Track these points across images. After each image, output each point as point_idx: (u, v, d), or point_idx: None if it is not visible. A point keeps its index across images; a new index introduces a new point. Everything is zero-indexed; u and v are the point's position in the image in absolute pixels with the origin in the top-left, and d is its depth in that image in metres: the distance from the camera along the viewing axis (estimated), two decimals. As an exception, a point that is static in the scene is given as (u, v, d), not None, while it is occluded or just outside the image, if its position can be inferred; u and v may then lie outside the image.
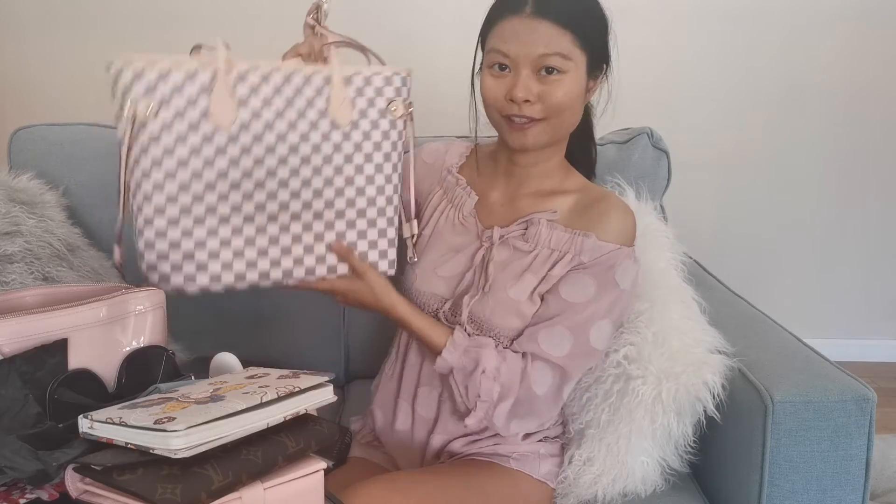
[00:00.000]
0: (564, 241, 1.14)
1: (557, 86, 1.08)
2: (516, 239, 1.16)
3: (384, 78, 1.07)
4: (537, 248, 1.15)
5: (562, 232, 1.15)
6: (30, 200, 1.44)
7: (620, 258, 1.13)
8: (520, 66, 1.08)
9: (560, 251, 1.14)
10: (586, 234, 1.14)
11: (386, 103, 1.07)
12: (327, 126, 1.05)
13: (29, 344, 0.83)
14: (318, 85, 1.04)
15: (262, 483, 0.77)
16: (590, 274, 1.12)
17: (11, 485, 0.76)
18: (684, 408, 1.17)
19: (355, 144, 1.06)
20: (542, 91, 1.08)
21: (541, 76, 1.08)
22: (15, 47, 2.17)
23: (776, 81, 2.38)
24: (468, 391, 1.10)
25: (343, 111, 1.05)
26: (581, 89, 1.11)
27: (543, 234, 1.15)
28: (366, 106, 1.07)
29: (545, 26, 1.07)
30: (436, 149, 1.30)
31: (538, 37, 1.07)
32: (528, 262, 1.15)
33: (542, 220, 1.16)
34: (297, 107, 1.03)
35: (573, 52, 1.08)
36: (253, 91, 1.00)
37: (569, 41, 1.07)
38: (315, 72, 1.04)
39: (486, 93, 1.12)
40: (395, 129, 1.08)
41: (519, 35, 1.08)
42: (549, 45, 1.07)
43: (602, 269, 1.12)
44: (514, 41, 1.08)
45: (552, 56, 1.07)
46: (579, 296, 1.11)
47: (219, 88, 0.98)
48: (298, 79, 1.03)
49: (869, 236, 2.56)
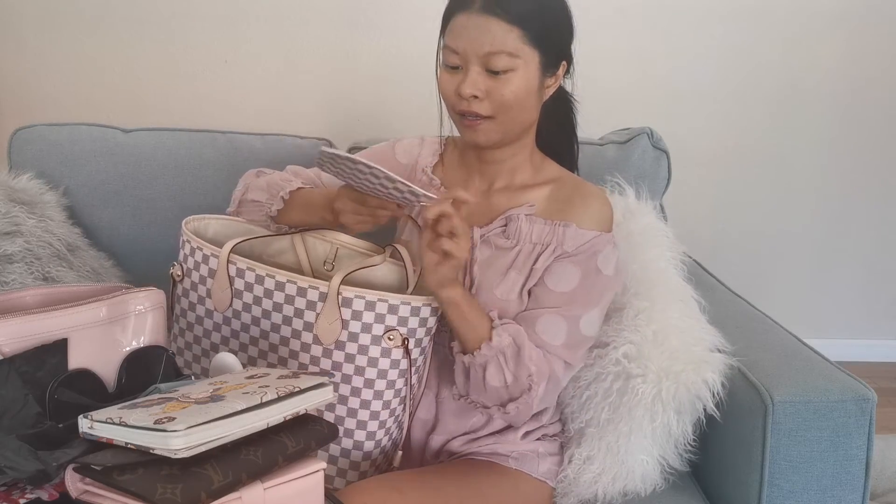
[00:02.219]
0: (545, 233, 1.14)
1: (505, 83, 1.06)
2: (497, 237, 1.16)
3: (389, 306, 1.05)
4: (519, 243, 1.15)
5: (542, 224, 1.15)
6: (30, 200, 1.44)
7: (601, 245, 1.13)
8: (469, 62, 1.07)
9: (542, 244, 1.14)
10: (566, 224, 1.14)
11: (384, 331, 1.05)
12: (309, 339, 1.07)
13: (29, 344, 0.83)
14: (312, 299, 1.06)
15: (262, 483, 0.77)
16: (573, 262, 1.12)
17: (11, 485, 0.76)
18: (684, 406, 1.17)
19: (334, 363, 1.06)
20: (490, 88, 1.07)
21: (489, 73, 1.07)
22: (15, 47, 2.17)
23: (777, 82, 2.38)
24: (517, 371, 1.07)
25: (329, 331, 1.05)
26: (532, 87, 1.09)
27: (524, 229, 1.15)
28: (358, 330, 1.05)
29: (493, 23, 1.05)
30: (410, 147, 1.28)
31: (485, 33, 1.05)
32: (511, 258, 1.15)
33: (520, 215, 1.16)
34: (284, 312, 1.08)
35: (522, 49, 1.06)
36: (247, 287, 1.09)
37: (517, 38, 1.05)
38: (311, 286, 1.06)
39: (441, 88, 1.12)
40: (388, 358, 1.06)
41: (468, 31, 1.06)
42: (494, 42, 1.05)
43: (585, 256, 1.12)
44: (463, 37, 1.07)
45: (498, 54, 1.05)
46: (565, 285, 1.11)
47: (220, 276, 1.11)
48: (292, 289, 1.07)
49: (869, 236, 2.56)
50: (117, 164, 1.58)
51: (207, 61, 2.21)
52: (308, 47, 2.22)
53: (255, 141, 1.65)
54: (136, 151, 1.59)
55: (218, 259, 1.11)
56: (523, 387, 1.07)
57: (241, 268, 1.10)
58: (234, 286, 1.10)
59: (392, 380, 1.07)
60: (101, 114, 1.82)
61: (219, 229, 1.22)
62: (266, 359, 1.10)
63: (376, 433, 1.09)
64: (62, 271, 1.38)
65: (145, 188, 1.58)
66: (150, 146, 1.60)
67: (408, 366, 1.07)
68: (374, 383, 1.07)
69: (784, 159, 2.46)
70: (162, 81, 2.21)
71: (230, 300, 1.11)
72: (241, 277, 1.10)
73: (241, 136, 1.66)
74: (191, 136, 1.63)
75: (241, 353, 1.11)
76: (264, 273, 1.08)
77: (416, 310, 1.05)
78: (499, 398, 1.09)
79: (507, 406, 1.09)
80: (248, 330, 1.10)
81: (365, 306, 1.04)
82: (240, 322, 1.11)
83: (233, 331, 1.12)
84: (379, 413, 1.08)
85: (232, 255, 1.10)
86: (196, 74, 2.21)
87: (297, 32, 2.21)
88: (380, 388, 1.07)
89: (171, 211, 1.57)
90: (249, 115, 2.21)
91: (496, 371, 1.07)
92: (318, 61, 2.22)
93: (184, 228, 1.17)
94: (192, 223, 1.20)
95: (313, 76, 2.23)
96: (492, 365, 1.07)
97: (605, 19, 2.23)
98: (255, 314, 1.09)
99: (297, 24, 2.20)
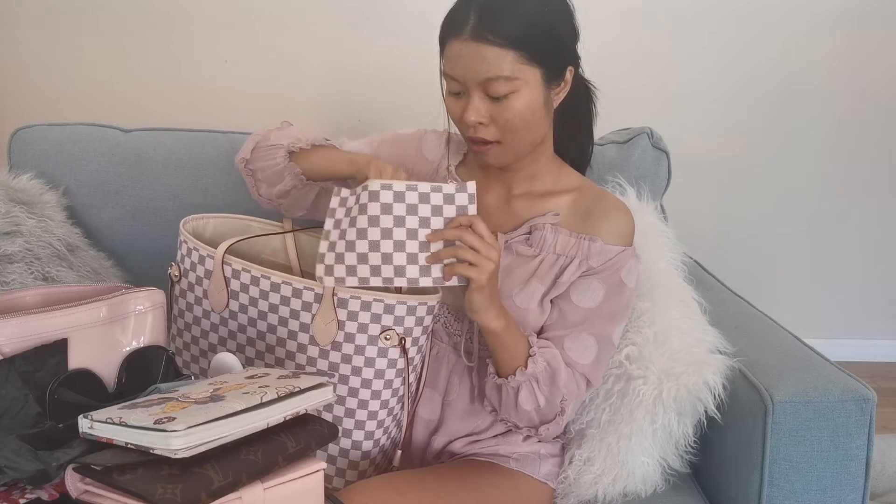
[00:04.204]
0: (570, 245, 1.14)
1: (508, 108, 1.04)
2: (520, 244, 1.15)
3: (385, 306, 1.04)
4: (542, 252, 1.14)
5: (567, 236, 1.14)
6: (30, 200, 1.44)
7: (626, 260, 1.13)
8: (469, 89, 1.05)
9: (567, 256, 1.13)
10: (592, 239, 1.13)
11: (380, 331, 1.05)
12: (306, 339, 1.06)
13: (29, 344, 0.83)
14: (307, 300, 1.05)
15: (262, 483, 0.77)
16: (599, 279, 1.12)
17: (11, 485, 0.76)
18: (685, 408, 1.17)
19: (331, 364, 1.06)
20: (493, 113, 1.05)
21: (491, 98, 1.05)
22: (15, 47, 2.17)
23: (777, 82, 2.38)
24: (551, 396, 1.07)
25: (326, 331, 1.05)
26: (537, 104, 1.06)
27: (549, 239, 1.14)
28: (354, 331, 1.05)
29: (485, 49, 1.01)
30: (435, 145, 1.26)
31: (479, 61, 1.02)
32: (534, 267, 1.14)
33: (545, 224, 1.15)
34: (280, 314, 1.07)
35: (520, 70, 1.02)
36: (243, 288, 1.09)
37: (512, 61, 1.02)
38: (306, 287, 1.06)
39: (449, 113, 1.11)
40: (385, 358, 1.06)
41: (463, 59, 1.03)
42: (490, 69, 1.02)
43: (610, 273, 1.12)
44: (459, 65, 1.04)
45: (496, 80, 1.02)
46: (590, 301, 1.11)
47: (215, 278, 1.11)
48: (287, 290, 1.06)
49: (869, 236, 2.56)
50: (117, 164, 1.57)
51: (207, 61, 2.21)
52: (308, 47, 2.21)
53: (255, 141, 1.65)
54: (136, 151, 1.59)
55: (213, 260, 1.11)
56: (556, 410, 1.08)
57: (236, 269, 1.10)
58: (229, 287, 1.10)
59: (389, 379, 1.07)
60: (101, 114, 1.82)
61: (217, 229, 1.22)
62: (263, 360, 1.09)
63: (375, 433, 1.09)
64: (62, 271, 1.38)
65: (145, 188, 1.58)
66: (150, 146, 1.60)
67: (405, 365, 1.07)
68: (372, 383, 1.06)
69: (784, 159, 2.46)
70: (162, 81, 2.21)
71: (226, 301, 1.11)
72: (236, 278, 1.10)
73: (241, 136, 1.65)
74: (191, 136, 1.63)
75: (239, 353, 1.10)
76: (259, 274, 1.08)
77: (413, 309, 1.05)
78: (530, 420, 1.10)
79: (539, 428, 1.10)
80: (244, 331, 1.10)
81: (361, 306, 1.04)
82: (237, 323, 1.11)
83: (230, 331, 1.12)
84: (377, 413, 1.08)
85: (227, 256, 1.10)
86: (196, 74, 2.21)
87: (298, 32, 2.21)
88: (377, 388, 1.07)
89: (171, 211, 1.57)
90: (249, 115, 2.20)
91: (528, 395, 1.07)
92: (318, 61, 2.22)
93: (181, 228, 1.17)
94: (190, 223, 1.19)
95: (313, 76, 2.23)
96: (524, 389, 1.07)
97: (606, 20, 2.23)
98: (251, 315, 1.09)
99: (297, 24, 2.20)
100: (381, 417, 1.09)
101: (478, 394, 1.17)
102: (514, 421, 1.12)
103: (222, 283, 1.10)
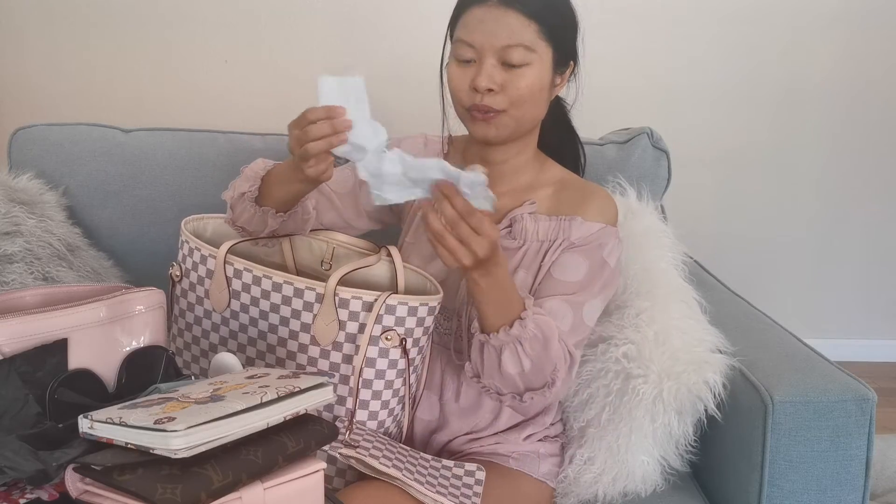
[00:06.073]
0: (551, 228, 1.15)
1: (520, 77, 1.07)
2: (503, 239, 1.16)
3: (386, 306, 1.04)
4: (526, 242, 1.15)
5: (546, 221, 1.15)
6: (30, 200, 1.44)
7: (607, 237, 1.13)
8: (484, 55, 1.06)
9: (549, 240, 1.14)
10: (571, 218, 1.14)
11: (381, 331, 1.05)
12: (307, 339, 1.06)
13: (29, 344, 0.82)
14: (309, 300, 1.05)
15: (262, 483, 0.77)
16: (580, 253, 1.12)
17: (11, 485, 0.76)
18: (685, 407, 1.17)
19: (332, 364, 1.06)
20: (505, 81, 1.07)
21: (505, 66, 1.07)
22: (15, 48, 2.17)
23: (777, 82, 2.38)
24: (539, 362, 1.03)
25: (327, 332, 1.05)
26: (545, 82, 1.10)
27: (529, 228, 1.15)
28: (355, 331, 1.05)
29: (510, 16, 1.05)
30: (414, 146, 1.26)
31: (503, 26, 1.05)
32: (519, 258, 1.15)
33: (523, 214, 1.16)
34: (281, 313, 1.07)
35: (537, 43, 1.07)
36: (244, 288, 1.09)
37: (533, 32, 1.06)
38: (308, 287, 1.05)
39: (452, 83, 1.11)
40: (386, 359, 1.06)
41: (484, 24, 1.06)
42: (512, 35, 1.05)
43: (592, 247, 1.13)
44: (478, 30, 1.06)
45: (516, 47, 1.05)
46: (572, 275, 1.11)
47: (217, 277, 1.11)
48: (289, 290, 1.06)
49: (869, 236, 2.56)
50: (117, 164, 1.57)
51: (207, 61, 2.21)
52: (308, 47, 2.21)
53: (255, 141, 1.65)
54: (136, 151, 1.59)
55: (215, 260, 1.11)
56: (545, 379, 1.05)
57: (238, 269, 1.10)
58: (231, 287, 1.10)
59: (390, 380, 1.07)
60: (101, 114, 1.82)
61: (217, 229, 1.22)
62: (264, 360, 1.10)
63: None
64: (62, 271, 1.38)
65: (145, 188, 1.58)
66: (150, 146, 1.60)
67: (406, 366, 1.07)
68: (372, 384, 1.06)
69: (784, 159, 2.46)
70: (162, 81, 2.21)
71: (228, 301, 1.11)
72: (238, 278, 1.10)
73: (241, 136, 1.66)
74: (191, 136, 1.63)
75: (240, 353, 1.11)
76: (261, 274, 1.08)
77: (414, 310, 1.05)
78: (514, 386, 1.05)
79: (524, 395, 1.06)
80: (245, 331, 1.10)
81: (362, 307, 1.04)
82: (238, 323, 1.11)
83: (231, 331, 1.12)
84: (377, 413, 1.08)
85: (229, 256, 1.10)
86: (196, 74, 2.21)
87: (298, 32, 2.21)
88: (378, 388, 1.07)
89: (171, 211, 1.57)
90: (249, 115, 2.20)
91: (511, 357, 1.02)
92: (319, 61, 2.22)
93: (182, 228, 1.17)
94: (191, 223, 1.19)
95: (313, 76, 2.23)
96: (507, 350, 1.02)
97: (606, 20, 2.23)
98: (252, 315, 1.09)
99: (297, 24, 2.20)
100: (381, 418, 1.09)
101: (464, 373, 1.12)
102: (499, 386, 1.07)
103: (224, 282, 1.10)
